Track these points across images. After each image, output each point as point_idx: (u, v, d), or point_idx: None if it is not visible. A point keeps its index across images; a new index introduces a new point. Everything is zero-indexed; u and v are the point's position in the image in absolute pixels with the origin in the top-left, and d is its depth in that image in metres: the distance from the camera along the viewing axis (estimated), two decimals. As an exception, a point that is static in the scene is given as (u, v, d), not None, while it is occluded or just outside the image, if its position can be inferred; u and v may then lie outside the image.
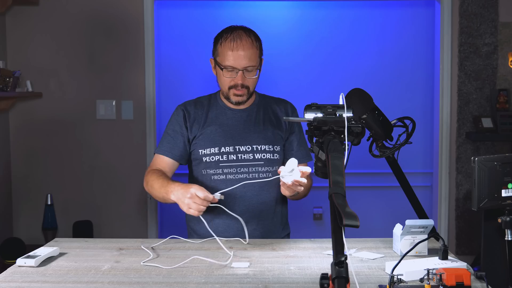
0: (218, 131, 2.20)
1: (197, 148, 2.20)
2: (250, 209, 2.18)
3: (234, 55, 2.12)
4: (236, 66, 2.13)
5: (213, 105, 2.26)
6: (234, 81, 2.15)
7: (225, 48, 2.14)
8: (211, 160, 2.17)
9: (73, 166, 3.81)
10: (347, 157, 1.49)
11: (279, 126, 2.25)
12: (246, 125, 2.22)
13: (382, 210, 4.22)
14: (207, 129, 2.21)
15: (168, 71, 4.16)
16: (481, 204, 1.61)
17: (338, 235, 1.12)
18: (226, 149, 2.18)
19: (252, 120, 2.24)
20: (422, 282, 1.54)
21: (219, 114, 2.24)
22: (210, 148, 2.18)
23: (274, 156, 2.21)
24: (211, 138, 2.19)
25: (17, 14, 3.74)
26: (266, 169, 2.19)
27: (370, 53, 4.20)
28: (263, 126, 2.23)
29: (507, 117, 3.73)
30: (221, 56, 2.16)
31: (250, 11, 4.15)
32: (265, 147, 2.20)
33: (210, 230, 1.99)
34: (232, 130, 2.21)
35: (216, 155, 2.18)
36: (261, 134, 2.21)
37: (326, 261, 1.80)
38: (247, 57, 2.13)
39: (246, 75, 2.15)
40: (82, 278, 1.65)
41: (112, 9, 3.75)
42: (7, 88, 3.35)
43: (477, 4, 3.75)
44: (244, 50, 2.12)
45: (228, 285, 1.59)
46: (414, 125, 2.38)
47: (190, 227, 2.31)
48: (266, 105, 2.29)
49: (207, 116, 2.23)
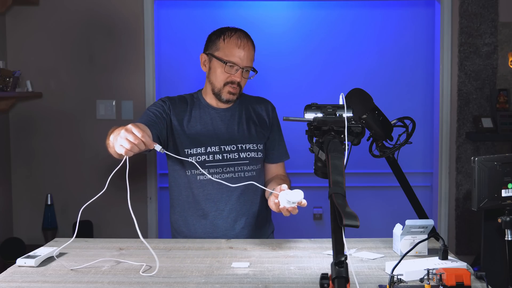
0: (202, 131, 2.20)
1: (182, 148, 2.17)
2: (237, 208, 2.20)
3: (240, 52, 2.14)
4: (239, 63, 2.14)
5: (196, 104, 2.26)
6: (232, 78, 2.15)
7: (231, 44, 2.15)
8: (198, 160, 2.16)
9: (73, 166, 3.81)
10: (347, 157, 1.48)
11: (261, 124, 2.28)
12: (230, 124, 2.23)
13: (382, 210, 4.22)
14: (192, 129, 2.20)
15: (168, 71, 4.16)
16: (481, 204, 1.61)
17: (338, 235, 1.12)
18: (212, 148, 2.18)
19: (235, 119, 2.25)
20: (422, 282, 1.54)
21: (203, 113, 2.24)
22: (196, 148, 2.17)
23: (258, 155, 2.23)
24: (196, 138, 2.18)
25: (17, 14, 3.74)
26: (251, 167, 2.21)
27: (370, 53, 4.20)
28: (246, 125, 2.25)
29: (507, 117, 3.73)
30: (225, 51, 2.15)
31: (250, 11, 4.15)
32: (250, 146, 2.22)
33: (138, 232, 1.83)
34: (217, 130, 2.21)
35: (202, 155, 2.17)
36: (245, 133, 2.23)
37: (326, 261, 1.80)
38: (249, 57, 2.17)
39: (244, 75, 2.17)
40: (82, 278, 1.65)
41: (112, 9, 3.75)
42: (7, 88, 3.35)
43: (477, 4, 3.75)
44: (248, 51, 2.16)
45: (228, 285, 1.59)
46: (414, 125, 2.38)
47: (174, 228, 2.30)
48: (248, 104, 2.30)
49: (190, 114, 2.22)
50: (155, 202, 3.81)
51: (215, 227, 2.19)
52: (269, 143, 2.30)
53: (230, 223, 2.19)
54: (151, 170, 3.79)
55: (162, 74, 4.14)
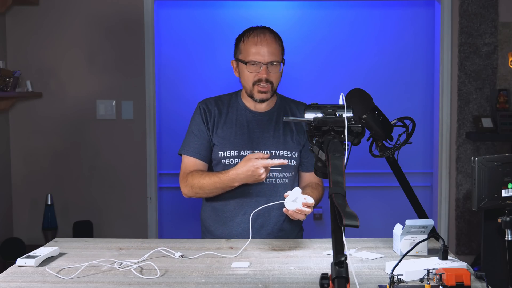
0: (237, 134, 2.19)
1: (216, 150, 2.20)
2: (266, 213, 2.18)
3: (258, 49, 2.13)
4: (260, 60, 2.13)
5: (233, 105, 2.25)
6: (258, 75, 2.14)
7: (248, 44, 2.15)
8: (230, 163, 2.17)
9: (73, 166, 3.81)
10: (347, 157, 1.49)
11: (298, 131, 2.25)
12: (265, 129, 2.21)
13: (382, 210, 4.22)
14: (227, 130, 2.20)
15: (168, 71, 4.15)
16: (481, 204, 1.61)
17: (338, 235, 1.12)
18: (245, 152, 2.17)
19: (272, 124, 2.23)
20: (422, 282, 1.54)
21: (239, 115, 2.23)
22: (229, 150, 2.18)
23: (292, 162, 2.20)
24: (231, 141, 2.19)
25: (17, 14, 3.74)
26: (284, 174, 2.19)
27: (370, 53, 4.20)
28: (282, 131, 2.22)
29: (507, 117, 3.73)
30: (245, 52, 2.16)
31: (250, 11, 4.14)
32: (283, 153, 2.20)
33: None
34: (252, 134, 2.20)
35: (235, 158, 2.17)
36: (280, 140, 2.21)
37: (326, 261, 1.80)
38: (270, 51, 2.14)
39: (270, 69, 2.15)
40: (82, 278, 1.65)
41: (112, 9, 3.75)
42: (7, 88, 3.35)
43: (477, 4, 3.75)
44: (268, 45, 2.15)
45: (228, 285, 1.59)
46: (414, 125, 2.37)
47: (205, 227, 2.30)
48: (287, 108, 2.28)
49: (227, 116, 2.23)
50: (155, 202, 3.81)
51: (243, 230, 2.17)
52: (304, 150, 2.26)
53: (257, 228, 2.17)
54: (151, 170, 3.79)
55: (162, 74, 4.14)
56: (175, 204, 4.10)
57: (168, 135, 4.09)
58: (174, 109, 4.10)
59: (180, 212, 4.10)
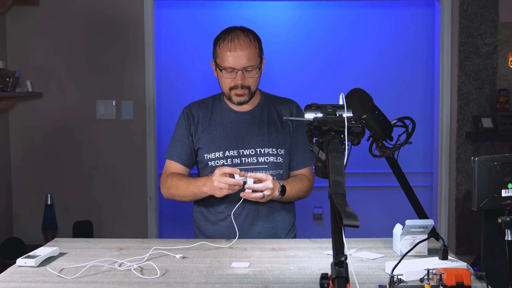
0: (221, 135, 2.20)
1: (202, 153, 2.21)
2: (254, 211, 2.19)
3: (233, 55, 2.11)
4: (235, 66, 2.12)
5: (217, 107, 2.26)
6: (234, 81, 2.14)
7: (223, 49, 2.14)
8: (216, 165, 2.17)
9: (73, 166, 3.81)
10: (347, 157, 1.49)
11: (283, 127, 2.24)
12: (249, 128, 2.21)
13: (382, 210, 4.22)
14: (212, 133, 2.21)
15: (168, 71, 4.16)
16: (481, 204, 1.61)
17: (338, 235, 1.12)
18: (230, 153, 2.18)
19: (256, 123, 2.22)
20: (422, 282, 1.54)
21: (223, 117, 2.23)
22: (214, 152, 2.19)
23: (278, 159, 2.20)
24: (215, 142, 2.19)
25: (17, 14, 3.74)
26: (270, 172, 2.18)
27: (370, 53, 4.20)
28: (267, 129, 2.22)
29: (507, 117, 3.73)
30: (220, 57, 2.15)
31: (250, 11, 4.14)
32: (269, 150, 2.19)
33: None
34: (236, 134, 2.20)
35: (221, 159, 2.18)
36: (265, 137, 2.20)
37: (326, 261, 1.80)
38: (245, 56, 2.12)
39: (246, 75, 2.14)
40: (82, 278, 1.65)
41: (112, 9, 3.75)
42: (7, 88, 3.35)
43: (477, 4, 3.75)
44: (243, 50, 2.11)
45: (228, 285, 1.59)
46: (414, 125, 2.37)
47: (197, 228, 2.31)
48: (271, 105, 2.27)
49: (211, 118, 2.23)
50: (155, 202, 3.81)
51: (233, 230, 2.16)
52: (292, 147, 2.25)
53: (247, 227, 2.19)
54: (151, 170, 3.79)
55: (162, 74, 4.14)
56: (175, 204, 4.09)
57: (168, 135, 4.05)
58: (174, 109, 4.09)
59: (180, 212, 4.10)
